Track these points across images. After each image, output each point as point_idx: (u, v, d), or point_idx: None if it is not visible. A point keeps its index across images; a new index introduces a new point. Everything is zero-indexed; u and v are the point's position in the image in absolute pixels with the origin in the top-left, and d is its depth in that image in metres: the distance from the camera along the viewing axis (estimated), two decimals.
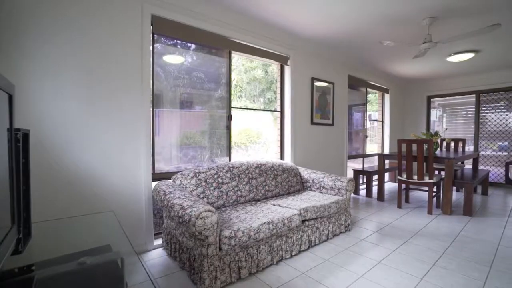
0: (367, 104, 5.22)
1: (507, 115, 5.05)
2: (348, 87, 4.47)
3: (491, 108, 5.21)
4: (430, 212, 3.29)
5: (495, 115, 5.17)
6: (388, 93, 5.60)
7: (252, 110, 3.64)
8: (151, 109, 2.32)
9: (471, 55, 3.88)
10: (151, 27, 2.26)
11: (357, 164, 5.31)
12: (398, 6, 2.50)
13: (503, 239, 2.51)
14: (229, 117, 2.88)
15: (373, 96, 5.73)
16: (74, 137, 1.89)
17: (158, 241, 2.38)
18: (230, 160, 2.90)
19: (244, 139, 4.47)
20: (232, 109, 2.91)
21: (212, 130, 2.81)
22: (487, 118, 5.26)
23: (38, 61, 1.74)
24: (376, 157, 5.46)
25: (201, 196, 2.22)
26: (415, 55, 3.19)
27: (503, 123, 5.09)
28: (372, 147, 5.67)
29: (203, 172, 2.33)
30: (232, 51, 2.88)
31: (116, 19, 2.06)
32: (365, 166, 5.06)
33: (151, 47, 2.27)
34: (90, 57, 1.94)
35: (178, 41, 2.57)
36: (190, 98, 2.69)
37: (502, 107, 5.10)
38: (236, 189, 2.42)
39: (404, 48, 3.67)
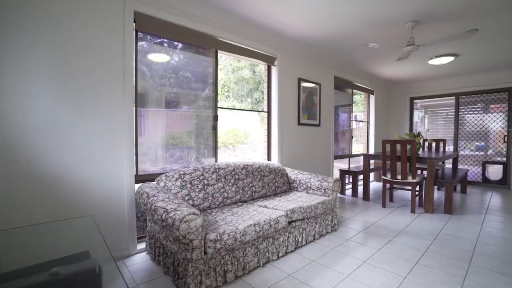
0: (353, 105, 5.31)
1: (483, 116, 5.28)
2: (334, 88, 4.52)
3: (469, 109, 5.43)
4: (413, 211, 3.38)
5: (473, 117, 5.39)
6: (373, 94, 5.71)
7: (239, 110, 3.61)
8: (134, 108, 2.24)
9: (451, 58, 4.01)
10: (134, 24, 2.19)
11: (343, 164, 5.39)
12: (382, 9, 2.55)
13: (481, 236, 2.61)
14: (215, 117, 2.84)
15: (358, 97, 5.84)
16: (50, 137, 1.80)
17: (142, 245, 2.31)
18: (216, 161, 2.86)
19: (232, 139, 4.43)
20: (218, 109, 2.87)
21: (199, 130, 2.76)
22: (465, 119, 5.47)
23: (7, 57, 1.64)
24: (361, 157, 5.56)
25: (186, 198, 2.17)
26: (399, 57, 3.26)
27: (480, 124, 5.31)
28: (357, 147, 5.77)
29: (188, 174, 2.27)
30: (219, 51, 2.84)
31: (96, 15, 1.97)
32: (351, 166, 5.14)
33: (134, 44, 2.19)
34: (67, 54, 1.85)
35: (165, 40, 2.51)
36: (176, 98, 2.63)
37: (479, 109, 5.32)
38: (222, 190, 2.38)
39: (388, 50, 3.75)
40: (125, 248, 2.18)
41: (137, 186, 2.25)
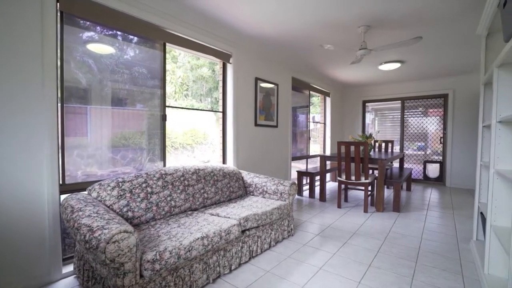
0: (311, 106, 5.39)
1: (423, 119, 5.80)
2: (292, 89, 4.51)
3: (412, 113, 5.92)
4: (366, 210, 3.49)
5: (415, 119, 5.88)
6: (329, 96, 5.88)
7: (193, 110, 3.36)
8: (58, 105, 1.88)
9: (398, 65, 4.27)
10: (58, 4, 1.82)
11: (302, 165, 5.44)
12: (336, 12, 2.54)
13: (424, 232, 2.77)
14: (163, 117, 2.55)
15: (316, 99, 5.96)
16: None
17: (70, 267, 1.95)
18: (164, 165, 2.58)
19: (190, 139, 4.14)
20: (167, 108, 2.59)
21: (154, 130, 2.50)
22: (409, 122, 5.95)
23: None
24: (319, 158, 5.67)
25: (125, 209, 1.87)
26: (352, 61, 3.33)
27: (420, 126, 5.83)
28: (315, 148, 5.88)
29: (128, 181, 1.98)
30: (168, 44, 2.57)
31: None
32: (308, 166, 5.20)
33: (56, 29, 1.83)
34: None
35: (119, 33, 2.23)
36: (124, 94, 2.33)
37: (420, 113, 5.83)
38: (169, 198, 2.12)
39: (343, 54, 3.84)
40: (46, 274, 1.80)
41: (65, 197, 1.88)
